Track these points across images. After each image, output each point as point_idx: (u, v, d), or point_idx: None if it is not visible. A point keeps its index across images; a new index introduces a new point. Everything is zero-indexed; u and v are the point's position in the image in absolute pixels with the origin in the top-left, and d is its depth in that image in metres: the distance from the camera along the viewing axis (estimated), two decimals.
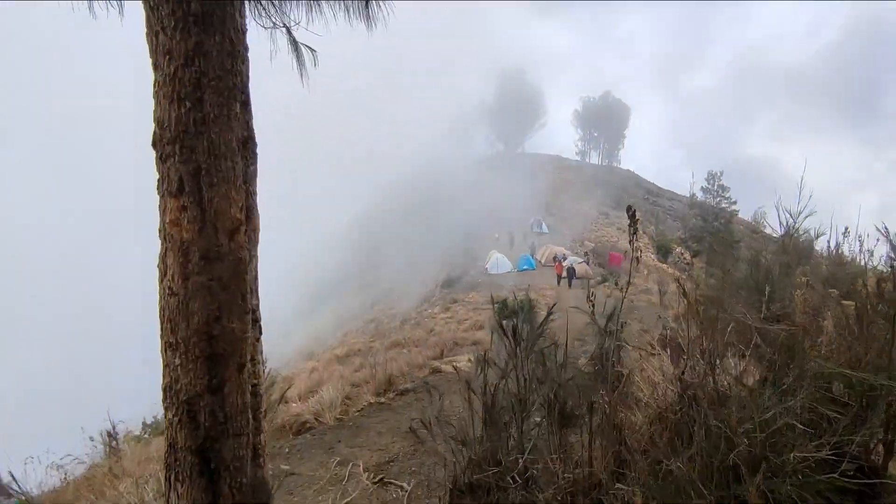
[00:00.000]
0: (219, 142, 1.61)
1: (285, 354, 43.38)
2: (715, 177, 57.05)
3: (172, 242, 1.65)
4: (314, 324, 50.03)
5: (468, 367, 7.64)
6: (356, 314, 48.05)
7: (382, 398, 6.03)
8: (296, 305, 56.75)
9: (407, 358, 8.73)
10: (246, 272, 1.74)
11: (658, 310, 14.88)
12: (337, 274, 59.12)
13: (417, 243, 58.15)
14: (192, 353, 1.67)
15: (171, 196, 1.63)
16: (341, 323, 47.54)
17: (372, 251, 62.04)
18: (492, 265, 33.88)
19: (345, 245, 66.70)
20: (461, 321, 17.39)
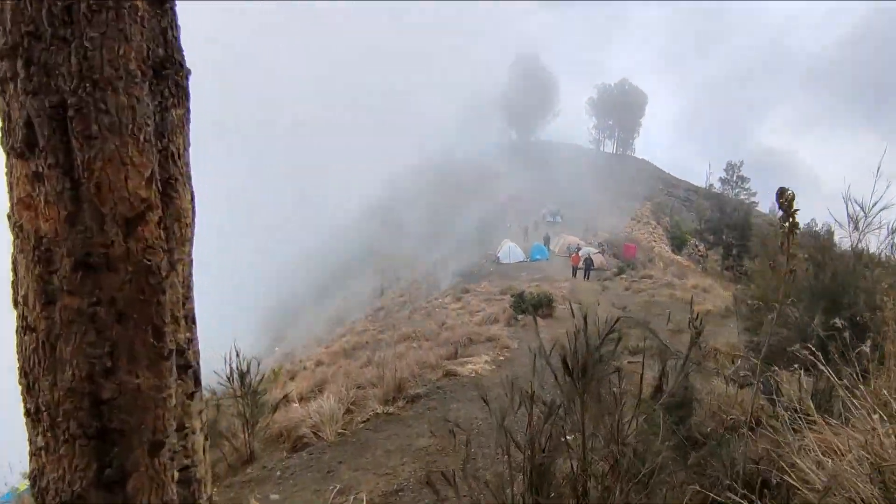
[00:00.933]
0: (100, 57, 0.89)
1: (298, 339, 43.32)
2: (734, 167, 55.47)
3: (24, 238, 0.94)
4: (326, 310, 49.91)
5: (486, 370, 6.94)
6: (366, 301, 47.82)
7: (391, 407, 5.35)
8: (307, 291, 56.66)
9: (417, 355, 8.05)
10: (162, 290, 1.02)
11: (683, 305, 14.05)
12: (349, 261, 58.90)
13: (428, 232, 57.69)
14: (63, 428, 0.97)
15: (16, 156, 0.92)
16: (351, 310, 47.37)
17: (383, 239, 61.80)
18: (503, 254, 33.08)
19: (357, 233, 66.47)
20: (473, 312, 16.69)
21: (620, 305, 15.53)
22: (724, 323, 10.35)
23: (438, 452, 4.46)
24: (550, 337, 10.55)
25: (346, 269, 57.71)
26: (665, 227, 59.40)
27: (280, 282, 62.67)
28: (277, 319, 54.86)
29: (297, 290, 58.31)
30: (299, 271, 63.07)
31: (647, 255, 38.47)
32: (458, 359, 7.53)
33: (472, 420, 5.25)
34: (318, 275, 59.30)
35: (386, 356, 9.15)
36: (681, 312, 13.17)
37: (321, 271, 59.53)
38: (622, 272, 26.44)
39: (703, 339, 6.86)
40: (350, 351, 12.78)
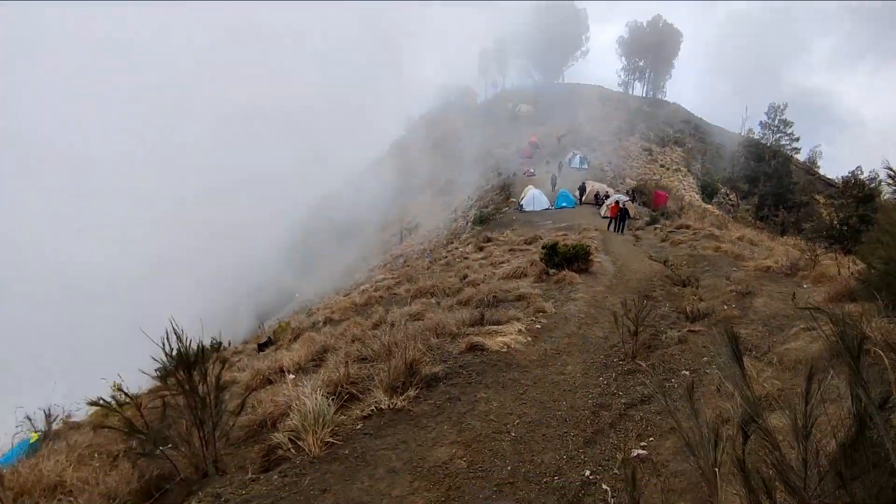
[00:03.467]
0: None
1: (318, 285, 42.97)
2: (777, 110, 51.75)
3: None
4: (344, 257, 49.49)
5: (520, 343, 5.62)
6: (385, 248, 47.13)
7: (399, 398, 4.08)
8: (329, 234, 56.16)
9: (435, 319, 6.77)
10: None
11: (733, 261, 12.47)
12: (367, 207, 57.86)
13: (447, 177, 56.06)
14: None
15: None
16: (370, 257, 46.79)
17: (402, 184, 60.34)
18: (527, 202, 31.35)
19: (375, 178, 65.01)
20: (497, 264, 15.37)
21: (660, 259, 14.01)
22: (797, 283, 8.81)
23: (464, 472, 3.21)
24: (590, 297, 9.17)
25: (364, 216, 56.77)
26: (696, 174, 56.74)
27: (303, 223, 62.39)
28: (299, 262, 54.82)
29: (319, 233, 57.98)
30: (321, 213, 62.50)
31: (678, 203, 36.47)
32: (484, 326, 6.22)
33: (508, 417, 3.99)
34: (340, 217, 58.64)
35: (397, 320, 7.92)
36: (732, 268, 11.65)
37: (342, 214, 58.79)
38: (655, 222, 24.64)
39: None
40: (361, 307, 11.62)
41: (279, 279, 51.64)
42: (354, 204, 58.51)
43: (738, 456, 1.70)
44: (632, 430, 3.83)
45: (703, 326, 6.59)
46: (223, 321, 45.95)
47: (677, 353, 5.35)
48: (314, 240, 56.63)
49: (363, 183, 64.31)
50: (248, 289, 52.76)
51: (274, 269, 54.28)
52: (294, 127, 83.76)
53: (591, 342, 5.98)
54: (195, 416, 3.21)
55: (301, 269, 52.37)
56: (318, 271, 48.94)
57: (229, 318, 43.95)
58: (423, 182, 58.19)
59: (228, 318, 43.25)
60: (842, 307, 6.52)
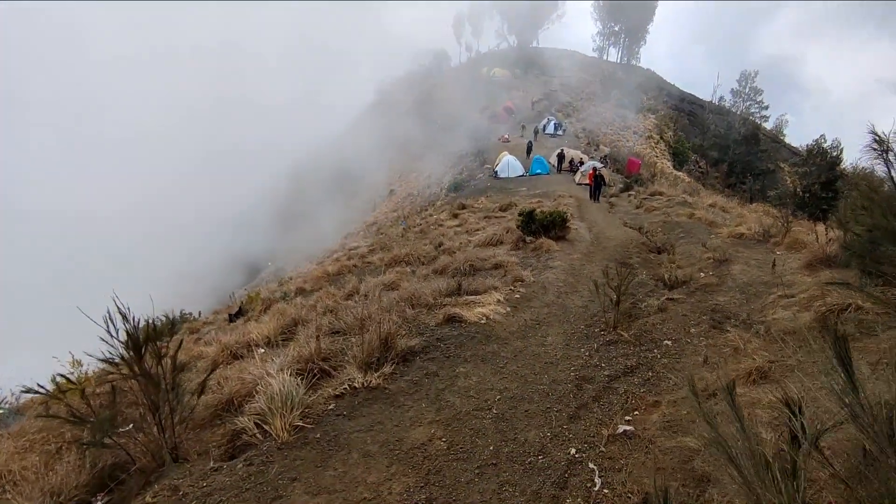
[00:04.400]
0: None
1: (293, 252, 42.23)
2: (748, 77, 52.08)
3: None
4: (319, 223, 48.61)
5: (499, 314, 5.44)
6: (357, 217, 46.41)
7: (373, 375, 3.86)
8: (300, 205, 54.99)
9: (411, 288, 6.53)
10: None
11: (706, 227, 12.53)
12: (340, 173, 56.58)
13: (421, 143, 55.08)
14: None
15: None
16: (344, 225, 46.03)
17: (374, 150, 59.07)
18: (502, 168, 31.01)
19: (347, 143, 63.42)
20: (472, 232, 15.16)
21: (635, 225, 14.00)
22: (770, 250, 8.84)
23: (445, 454, 3.03)
24: (568, 265, 9.05)
25: (336, 183, 55.58)
26: (668, 141, 57.11)
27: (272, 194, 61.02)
28: (274, 229, 53.79)
29: (292, 202, 56.78)
30: (292, 183, 61.12)
31: (651, 170, 36.69)
32: (461, 296, 6.01)
33: (489, 392, 3.81)
34: (313, 187, 57.39)
35: (371, 290, 7.66)
36: (707, 235, 11.71)
37: (315, 186, 57.51)
38: (629, 189, 24.69)
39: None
40: (334, 276, 11.27)
41: (267, 241, 50.92)
42: (325, 172, 57.19)
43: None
44: (616, 403, 3.71)
45: (682, 294, 6.53)
46: (214, 282, 45.11)
47: (658, 323, 5.25)
48: (296, 204, 55.60)
49: (334, 150, 62.70)
50: (239, 246, 51.89)
51: (261, 232, 53.36)
52: (264, 109, 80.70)
53: (571, 312, 5.84)
54: (149, 401, 2.91)
55: (282, 233, 51.55)
56: (295, 238, 48.11)
57: (220, 279, 43.56)
58: (396, 148, 56.94)
59: (220, 279, 42.82)
60: (818, 274, 6.56)
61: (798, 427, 1.64)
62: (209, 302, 30.26)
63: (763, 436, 2.25)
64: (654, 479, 2.66)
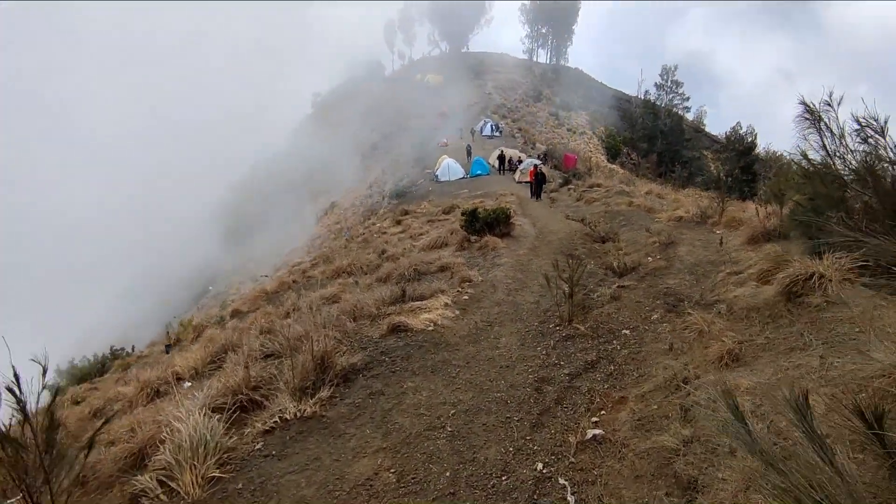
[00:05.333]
0: None
1: (233, 275, 40.21)
2: (669, 71, 54.67)
3: None
4: (263, 240, 46.85)
5: (447, 318, 5.05)
6: (301, 231, 45.05)
7: (309, 402, 3.36)
8: (238, 226, 52.79)
9: (353, 299, 6.04)
10: None
11: (646, 214, 12.71)
12: (281, 188, 54.84)
13: (360, 153, 54.33)
14: None
15: None
16: (288, 239, 44.48)
17: (314, 163, 57.57)
18: (442, 172, 30.80)
19: (286, 158, 61.59)
20: (416, 236, 14.76)
21: (578, 217, 14.05)
22: (709, 230, 8.95)
23: (394, 488, 2.59)
24: (515, 261, 8.80)
25: (278, 197, 53.76)
26: (600, 136, 58.98)
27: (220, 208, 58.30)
28: (219, 247, 51.32)
29: (237, 219, 54.40)
30: (235, 199, 58.63)
31: (587, 164, 37.63)
32: (406, 303, 5.58)
33: (441, 407, 3.40)
34: (255, 203, 55.26)
35: (311, 305, 7.08)
36: (648, 221, 11.84)
37: (257, 201, 55.37)
38: (568, 183, 25.05)
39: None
40: (273, 295, 10.53)
41: (214, 260, 48.33)
42: (266, 187, 55.26)
43: None
44: (580, 404, 3.39)
45: (633, 280, 6.39)
46: (162, 305, 42.14)
47: (614, 312, 5.03)
48: (240, 220, 53.24)
49: (273, 166, 60.72)
50: (186, 266, 48.84)
51: (206, 254, 50.57)
52: (193, 126, 76.92)
53: (523, 309, 5.53)
54: (11, 469, 2.31)
55: (228, 251, 49.20)
56: (239, 256, 46.05)
57: (168, 301, 40.86)
58: (336, 160, 55.80)
59: (167, 301, 40.20)
60: (760, 248, 6.60)
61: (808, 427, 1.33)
62: (155, 328, 28.30)
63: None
64: (633, 487, 2.33)
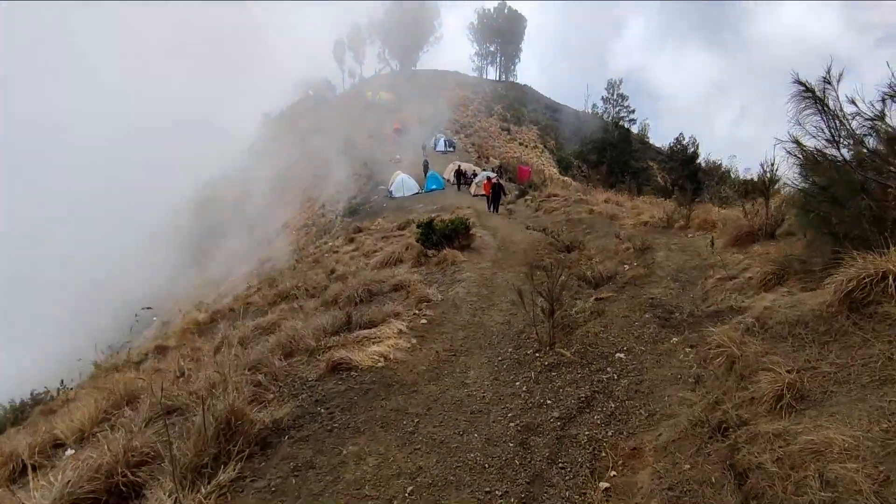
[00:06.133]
0: None
1: (178, 303, 37.62)
2: (614, 85, 56.10)
3: None
4: (213, 263, 44.32)
5: (402, 349, 4.11)
6: (251, 253, 43.10)
7: (205, 487, 2.35)
8: (186, 250, 49.79)
9: (289, 330, 5.00)
10: None
11: (608, 221, 12.21)
12: (231, 209, 52.35)
13: (311, 172, 52.89)
14: None
15: None
16: (236, 263, 42.31)
17: (266, 183, 55.46)
18: (396, 187, 29.96)
19: (236, 179, 59.08)
20: (369, 254, 13.74)
21: (539, 227, 13.42)
22: (681, 233, 8.41)
23: None
24: (478, 275, 7.94)
25: (228, 220, 51.24)
26: (551, 150, 59.78)
27: (154, 244, 54.70)
28: (168, 269, 47.98)
29: (177, 248, 51.17)
30: (174, 229, 55.33)
31: (540, 177, 37.68)
32: (353, 331, 4.60)
33: (393, 482, 2.47)
34: (198, 229, 52.33)
35: (245, 337, 6.00)
36: (612, 227, 11.34)
37: (200, 226, 52.47)
38: (524, 194, 24.67)
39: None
40: (206, 326, 9.25)
41: (162, 288, 45.09)
42: (215, 210, 52.59)
43: None
44: (582, 462, 2.52)
45: (612, 291, 5.66)
46: (107, 332, 38.55)
47: (600, 330, 4.22)
48: (188, 242, 50.10)
49: (222, 189, 58.00)
50: (126, 299, 45.17)
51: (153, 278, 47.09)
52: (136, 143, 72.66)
53: (492, 332, 4.65)
54: None
55: (177, 274, 46.11)
56: (184, 283, 43.21)
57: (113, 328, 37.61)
58: (286, 180, 53.94)
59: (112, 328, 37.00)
60: (748, 250, 6.03)
61: None
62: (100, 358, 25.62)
63: None
64: None
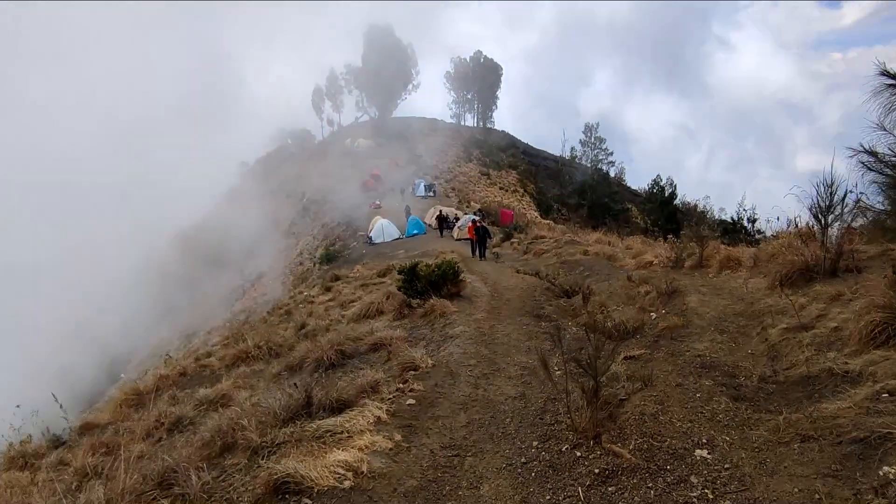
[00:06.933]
0: None
1: (151, 358, 35.24)
2: (591, 129, 57.03)
3: None
4: (189, 315, 42.12)
5: (379, 451, 2.85)
6: (225, 304, 41.28)
7: None
8: (154, 301, 47.44)
9: (223, 420, 3.71)
10: None
11: (607, 263, 11.24)
12: (207, 259, 50.46)
13: (290, 219, 51.88)
14: None
15: None
16: (211, 314, 40.35)
17: (241, 231, 54.00)
18: (376, 233, 28.92)
19: (213, 226, 57.52)
20: (347, 304, 12.47)
21: (531, 271, 12.36)
22: (703, 274, 7.39)
23: None
24: (474, 329, 6.68)
25: (205, 268, 49.25)
26: (531, 194, 59.96)
27: (120, 298, 52.07)
28: (125, 339, 45.22)
29: (145, 303, 48.65)
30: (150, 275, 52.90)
31: (523, 220, 37.19)
32: (313, 417, 3.34)
33: None
34: (174, 279, 50.09)
35: (185, 416, 4.66)
36: (614, 269, 10.36)
37: (176, 277, 50.25)
38: (510, 237, 23.80)
39: None
40: (147, 395, 7.73)
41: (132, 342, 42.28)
42: (193, 256, 50.68)
43: None
44: None
45: (643, 347, 4.54)
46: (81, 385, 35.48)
47: (656, 409, 3.04)
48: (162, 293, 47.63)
49: (200, 236, 56.31)
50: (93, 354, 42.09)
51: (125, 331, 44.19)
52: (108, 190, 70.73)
53: (504, 413, 3.43)
54: None
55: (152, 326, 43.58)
56: (155, 338, 40.79)
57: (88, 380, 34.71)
58: (263, 227, 52.63)
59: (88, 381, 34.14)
60: (809, 290, 4.97)
61: None
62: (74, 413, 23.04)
63: None
64: None
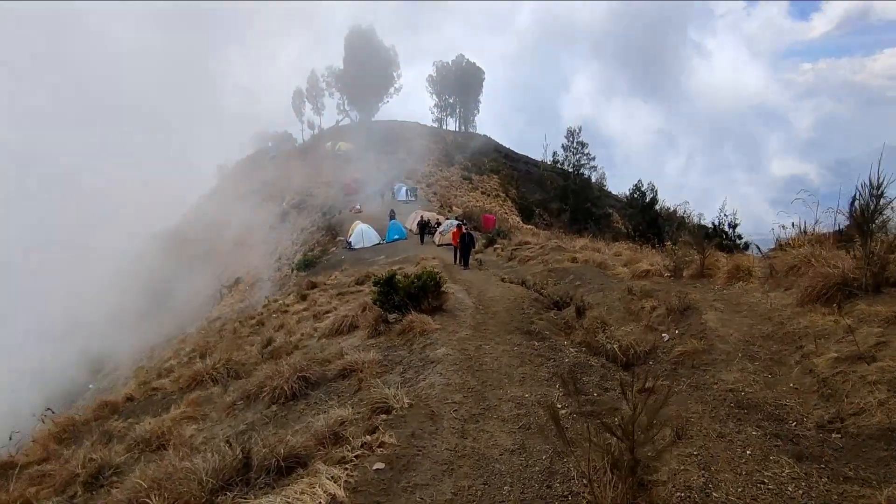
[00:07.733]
0: None
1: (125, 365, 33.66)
2: (574, 133, 56.81)
3: None
4: (162, 323, 40.54)
5: None
6: (200, 310, 39.80)
7: None
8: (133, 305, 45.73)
9: (169, 464, 2.89)
10: None
11: (599, 271, 10.58)
12: (185, 262, 49.02)
13: (267, 224, 50.60)
14: None
15: None
16: (188, 320, 38.88)
17: (219, 235, 52.47)
18: (356, 238, 28.02)
19: (190, 230, 55.95)
20: (321, 315, 11.60)
21: (518, 280, 11.66)
22: (711, 286, 6.74)
23: None
24: (459, 352, 5.80)
25: (180, 275, 47.69)
26: (513, 198, 59.54)
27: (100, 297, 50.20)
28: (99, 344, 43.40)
29: (123, 305, 46.85)
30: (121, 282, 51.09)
31: (505, 225, 36.66)
32: (251, 485, 2.54)
33: None
34: (149, 284, 48.43)
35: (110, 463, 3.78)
36: (604, 279, 9.70)
37: (152, 281, 48.61)
38: (493, 243, 23.11)
39: None
40: (83, 426, 6.73)
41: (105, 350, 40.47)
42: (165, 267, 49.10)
43: None
44: None
45: (660, 376, 3.84)
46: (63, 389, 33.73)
47: (703, 477, 2.32)
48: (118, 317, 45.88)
49: (172, 242, 54.66)
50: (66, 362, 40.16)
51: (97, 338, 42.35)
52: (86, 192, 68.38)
53: (502, 478, 2.65)
54: None
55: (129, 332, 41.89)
56: (129, 346, 39.14)
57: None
58: (241, 232, 51.25)
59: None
60: (849, 310, 4.30)
61: None
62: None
63: None
64: None
